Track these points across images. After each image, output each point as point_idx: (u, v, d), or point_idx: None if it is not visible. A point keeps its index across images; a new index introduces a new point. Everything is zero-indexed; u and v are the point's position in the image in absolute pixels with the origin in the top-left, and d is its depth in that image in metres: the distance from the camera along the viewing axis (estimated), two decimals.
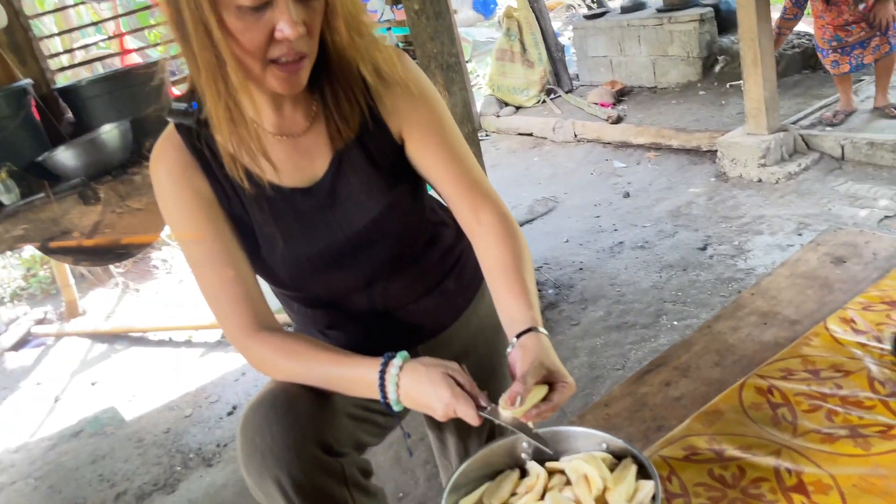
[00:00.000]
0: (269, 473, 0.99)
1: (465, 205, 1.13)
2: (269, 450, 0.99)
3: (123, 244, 3.17)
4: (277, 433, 0.99)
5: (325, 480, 1.02)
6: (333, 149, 1.09)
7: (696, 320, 2.76)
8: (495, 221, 1.13)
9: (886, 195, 3.43)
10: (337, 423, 1.08)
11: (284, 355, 1.06)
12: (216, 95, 0.95)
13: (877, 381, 1.21)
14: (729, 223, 3.57)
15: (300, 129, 1.08)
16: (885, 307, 1.40)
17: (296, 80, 0.97)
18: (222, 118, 0.97)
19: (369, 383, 1.00)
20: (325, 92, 1.05)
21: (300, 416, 1.02)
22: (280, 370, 1.07)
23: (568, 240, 3.86)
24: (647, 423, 1.32)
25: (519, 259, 1.11)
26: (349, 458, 1.08)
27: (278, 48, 0.92)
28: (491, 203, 1.14)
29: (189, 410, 3.07)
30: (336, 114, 1.06)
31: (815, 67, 5.30)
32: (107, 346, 3.95)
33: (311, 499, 1.00)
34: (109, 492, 2.61)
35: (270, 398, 1.04)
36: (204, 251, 1.06)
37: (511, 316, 1.06)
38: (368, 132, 1.09)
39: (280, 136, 1.07)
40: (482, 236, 1.13)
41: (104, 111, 2.66)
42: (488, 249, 1.12)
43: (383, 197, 1.11)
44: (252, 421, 1.02)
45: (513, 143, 5.95)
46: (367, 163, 1.10)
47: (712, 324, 1.60)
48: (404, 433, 1.18)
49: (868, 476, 1.02)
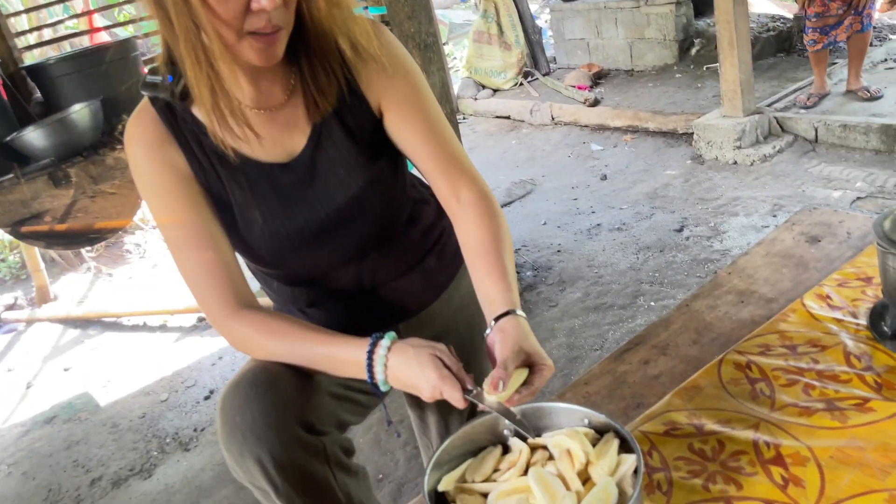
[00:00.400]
0: (249, 453, 0.98)
1: (445, 181, 1.12)
2: (249, 429, 0.98)
3: (96, 228, 3.12)
4: (258, 412, 0.98)
5: (307, 459, 1.01)
6: (312, 123, 1.07)
7: (673, 301, 2.79)
8: (475, 199, 1.12)
9: (859, 177, 3.48)
10: (318, 402, 1.07)
11: (267, 334, 1.05)
12: (196, 64, 0.92)
13: (852, 356, 1.22)
14: (705, 205, 3.60)
15: (278, 102, 1.06)
16: (860, 283, 1.42)
17: (272, 51, 0.94)
18: (204, 87, 0.95)
19: (357, 363, 0.99)
20: (302, 65, 1.03)
21: (281, 395, 1.01)
22: (263, 349, 1.06)
23: (546, 222, 3.86)
24: (627, 401, 1.33)
25: (498, 240, 1.10)
26: (331, 436, 1.07)
27: (255, 19, 0.90)
28: (470, 180, 1.13)
29: (165, 395, 3.04)
30: (313, 87, 1.04)
31: (789, 50, 5.35)
32: (79, 331, 3.88)
33: (293, 477, 0.99)
34: (84, 477, 2.58)
35: (251, 377, 1.03)
36: (183, 231, 1.05)
37: (489, 298, 1.05)
38: (347, 106, 1.07)
39: (258, 110, 1.05)
40: (462, 216, 1.12)
41: (74, 90, 2.60)
42: (468, 230, 1.11)
43: (363, 172, 1.09)
44: (232, 400, 1.01)
45: (490, 125, 5.94)
46: (346, 137, 1.08)
47: (690, 302, 1.61)
48: (387, 417, 1.18)
49: (844, 448, 1.03)
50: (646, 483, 1.04)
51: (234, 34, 0.90)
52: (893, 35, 5.58)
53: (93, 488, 2.51)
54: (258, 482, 1.00)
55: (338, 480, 1.06)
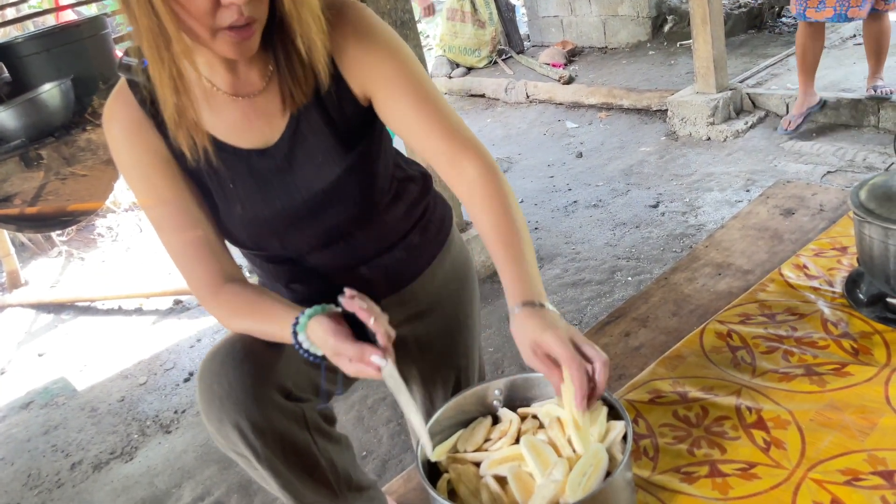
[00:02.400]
0: (228, 419, 0.99)
1: (445, 158, 1.08)
2: (227, 395, 0.99)
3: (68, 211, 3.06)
4: (235, 379, 1.00)
5: (287, 424, 1.03)
6: (290, 110, 1.06)
7: (650, 276, 2.83)
8: (479, 177, 1.07)
9: (829, 151, 3.54)
10: (296, 370, 1.08)
11: (235, 312, 1.07)
12: (159, 63, 0.92)
13: (829, 323, 1.26)
14: (679, 181, 3.64)
15: (255, 89, 1.05)
16: (835, 253, 1.45)
17: (247, 45, 0.93)
18: (165, 86, 0.94)
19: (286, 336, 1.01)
20: (278, 55, 1.02)
21: (257, 362, 1.03)
22: (234, 327, 1.09)
23: (523, 200, 3.88)
24: (609, 372, 1.35)
25: (511, 221, 1.05)
26: (310, 403, 1.09)
27: (227, 13, 0.88)
28: (472, 152, 1.08)
29: (144, 378, 3.02)
30: (289, 78, 1.02)
31: (760, 27, 5.40)
32: (52, 316, 3.83)
33: (273, 442, 1.01)
34: (64, 462, 2.55)
35: (228, 346, 1.05)
36: (167, 213, 1.05)
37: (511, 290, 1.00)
38: (327, 93, 1.06)
39: (235, 97, 1.04)
40: (469, 196, 1.08)
41: (43, 69, 2.53)
42: (479, 214, 1.07)
43: (341, 159, 1.08)
44: (209, 368, 1.03)
45: (465, 104, 5.92)
46: (325, 124, 1.07)
47: (669, 275, 1.64)
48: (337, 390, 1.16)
49: (824, 411, 1.07)
50: (633, 449, 1.07)
51: (207, 30, 0.89)
52: None
53: (73, 472, 2.49)
54: (238, 448, 1.02)
55: (319, 446, 1.08)
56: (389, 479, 1.53)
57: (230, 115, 1.04)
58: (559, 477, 0.87)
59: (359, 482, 1.16)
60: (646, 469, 1.04)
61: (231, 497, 2.19)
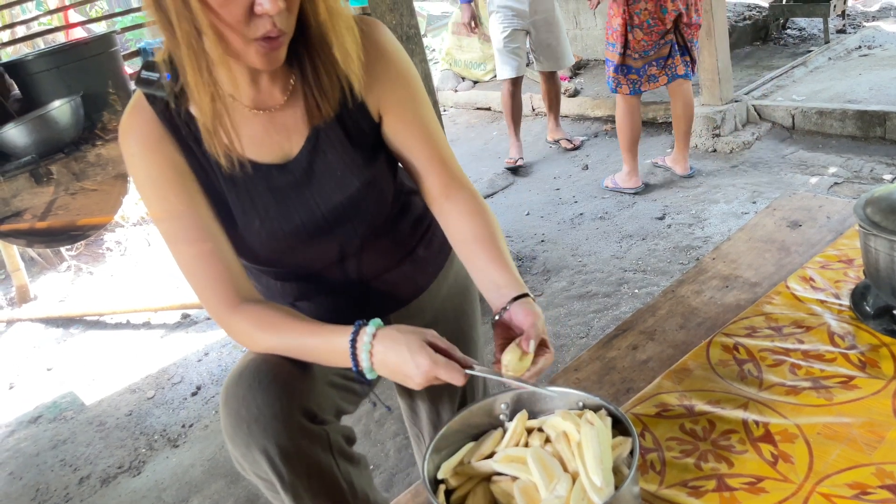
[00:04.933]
0: (256, 444, 0.98)
1: (436, 181, 1.14)
2: (255, 420, 0.98)
3: (78, 225, 3.09)
4: (263, 403, 0.99)
5: (312, 448, 1.02)
6: (310, 125, 1.07)
7: (657, 288, 2.82)
8: (466, 197, 1.14)
9: (835, 163, 3.53)
10: (319, 391, 1.08)
11: (262, 328, 1.05)
12: (197, 70, 0.93)
13: (836, 336, 1.25)
14: (685, 192, 3.64)
15: (277, 103, 1.06)
16: (842, 265, 1.45)
17: (275, 56, 0.95)
18: (204, 94, 0.95)
19: (342, 352, 0.99)
20: (305, 66, 1.03)
21: (284, 386, 1.02)
22: (259, 344, 1.06)
23: (529, 212, 3.88)
24: (617, 386, 1.35)
25: (494, 232, 1.12)
26: (332, 425, 1.08)
27: (260, 24, 0.90)
28: (461, 182, 1.16)
29: (151, 392, 3.02)
30: (315, 89, 1.04)
31: (765, 39, 5.41)
32: (61, 330, 3.84)
33: (299, 466, 1.00)
34: (72, 476, 2.56)
35: (253, 368, 1.03)
36: (181, 226, 1.05)
37: (497, 283, 1.07)
38: (347, 109, 1.08)
39: (256, 111, 1.05)
40: (452, 211, 1.14)
41: (53, 86, 2.56)
42: (461, 222, 1.13)
43: (360, 174, 1.10)
44: (235, 392, 1.01)
45: (471, 117, 5.94)
46: (344, 140, 1.09)
47: (676, 288, 1.64)
48: (384, 405, 1.19)
49: (831, 424, 1.06)
50: (640, 463, 1.07)
51: (239, 38, 0.91)
52: (867, 22, 5.67)
53: (81, 486, 2.49)
54: (264, 474, 1.01)
55: (341, 469, 1.07)
56: (396, 494, 1.53)
57: (250, 129, 1.05)
58: (563, 493, 0.87)
59: (374, 502, 1.16)
60: (653, 483, 1.04)
61: None
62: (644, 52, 3.36)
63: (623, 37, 3.33)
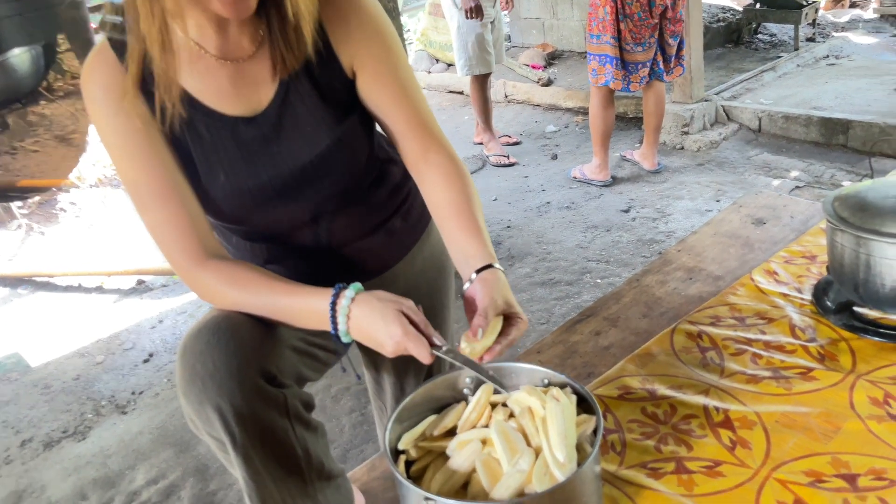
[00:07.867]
0: (209, 401, 0.95)
1: (415, 144, 1.11)
2: (210, 376, 0.95)
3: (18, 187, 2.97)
4: (220, 360, 0.96)
5: (267, 410, 0.99)
6: (280, 76, 1.04)
7: (619, 279, 2.85)
8: (444, 161, 1.12)
9: (798, 167, 3.60)
10: (280, 354, 1.05)
11: (232, 284, 1.02)
12: (150, 17, 0.90)
13: (797, 328, 1.27)
14: (652, 187, 3.67)
15: (245, 53, 1.02)
16: (805, 261, 1.47)
17: (245, 4, 0.91)
18: (154, 41, 0.92)
19: (320, 313, 0.97)
20: (272, 18, 1.00)
21: (243, 344, 0.99)
22: (227, 299, 1.03)
23: (497, 198, 3.88)
24: (578, 370, 1.35)
25: (469, 198, 1.10)
26: (291, 389, 1.05)
27: None
28: (440, 144, 1.13)
29: (101, 357, 2.94)
30: (282, 41, 1.01)
31: (737, 42, 5.48)
32: (9, 290, 3.72)
33: (252, 428, 0.97)
34: (14, 438, 2.48)
35: (212, 324, 1.00)
36: (146, 182, 1.01)
37: (466, 253, 1.05)
38: (318, 63, 1.05)
39: (223, 61, 1.01)
40: (429, 175, 1.12)
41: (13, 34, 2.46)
42: (437, 189, 1.11)
43: (330, 131, 1.07)
44: (192, 347, 0.98)
45: (443, 100, 5.91)
46: (315, 94, 1.05)
47: (640, 277, 1.65)
48: (355, 373, 1.17)
49: (789, 413, 1.08)
50: (601, 443, 1.07)
51: None
52: (836, 33, 5.79)
53: (23, 449, 2.42)
54: (216, 433, 0.98)
55: (297, 434, 1.04)
56: (351, 469, 1.52)
57: (217, 79, 1.01)
58: (525, 467, 0.86)
59: (329, 470, 1.14)
60: (613, 463, 1.04)
61: (186, 481, 2.15)
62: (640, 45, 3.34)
63: (614, 26, 3.28)
